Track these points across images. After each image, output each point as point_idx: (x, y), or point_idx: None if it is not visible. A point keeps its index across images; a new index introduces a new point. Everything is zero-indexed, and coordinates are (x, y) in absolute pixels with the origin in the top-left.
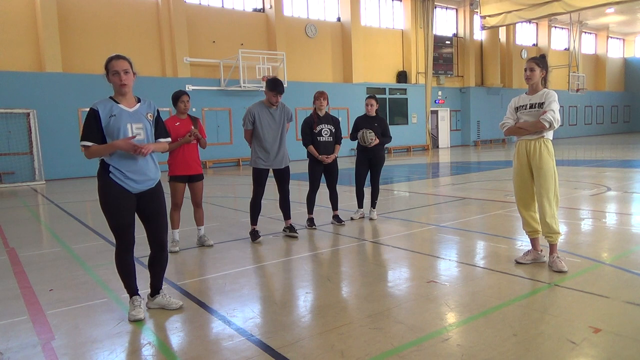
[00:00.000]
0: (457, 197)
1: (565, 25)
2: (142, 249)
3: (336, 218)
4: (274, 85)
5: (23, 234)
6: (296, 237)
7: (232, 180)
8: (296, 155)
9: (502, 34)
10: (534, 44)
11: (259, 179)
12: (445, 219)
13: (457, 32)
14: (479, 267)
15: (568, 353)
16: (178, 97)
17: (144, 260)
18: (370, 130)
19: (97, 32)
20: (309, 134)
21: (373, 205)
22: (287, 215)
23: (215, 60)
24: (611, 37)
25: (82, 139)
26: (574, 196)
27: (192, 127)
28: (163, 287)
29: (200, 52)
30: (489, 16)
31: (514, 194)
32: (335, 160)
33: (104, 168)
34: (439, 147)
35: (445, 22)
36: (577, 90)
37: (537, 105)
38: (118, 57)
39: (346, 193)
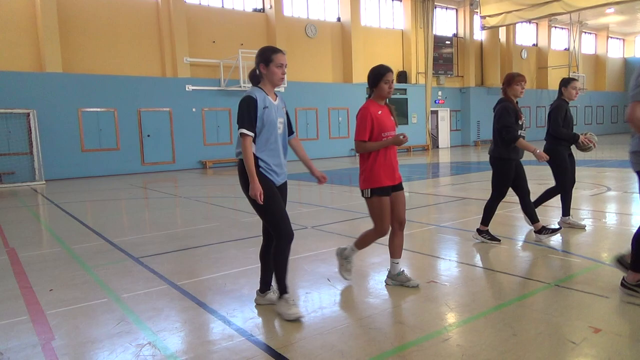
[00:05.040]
0: (457, 197)
1: (565, 25)
2: (141, 249)
3: (544, 230)
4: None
5: (23, 234)
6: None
7: (233, 181)
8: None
9: (502, 34)
10: (534, 44)
11: None
12: (445, 219)
13: (457, 32)
14: (479, 267)
15: (568, 353)
16: (382, 75)
17: (148, 263)
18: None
19: (97, 33)
20: (514, 124)
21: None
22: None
23: (215, 60)
24: (611, 37)
25: (242, 126)
26: (574, 196)
27: (395, 123)
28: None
29: (200, 52)
30: (489, 16)
31: None
32: None
33: (254, 162)
34: (439, 147)
35: (445, 22)
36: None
37: None
38: (283, 52)
39: (346, 193)
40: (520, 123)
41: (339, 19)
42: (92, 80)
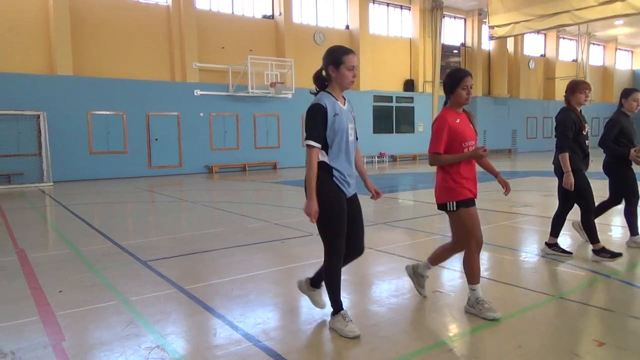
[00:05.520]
0: None
1: (574, 36)
2: (149, 252)
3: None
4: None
5: (32, 236)
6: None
7: (239, 186)
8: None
9: (510, 44)
10: (541, 55)
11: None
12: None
13: (464, 41)
14: (483, 277)
15: None
16: (460, 79)
17: (156, 267)
18: None
19: (108, 37)
20: (569, 138)
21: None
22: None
23: (224, 66)
24: (619, 49)
25: (310, 137)
26: None
27: (475, 132)
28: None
29: (210, 57)
30: (498, 26)
31: None
32: None
33: (327, 171)
34: None
35: (453, 32)
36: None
37: None
38: (354, 53)
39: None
40: (585, 133)
41: (347, 27)
42: (102, 83)
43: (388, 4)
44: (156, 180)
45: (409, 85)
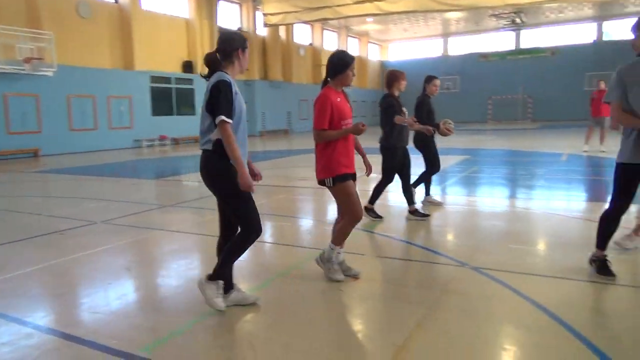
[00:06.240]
0: None
1: (335, 28)
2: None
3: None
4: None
5: None
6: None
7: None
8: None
9: (282, 31)
10: (310, 44)
11: None
12: None
13: (241, 26)
14: (267, 242)
15: (339, 297)
16: (349, 63)
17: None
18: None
19: None
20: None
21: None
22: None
23: None
24: (371, 43)
25: (222, 113)
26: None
27: (350, 108)
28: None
29: None
30: (271, 14)
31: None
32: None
33: (223, 153)
34: None
35: (229, 16)
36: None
37: None
38: None
39: (133, 185)
40: (402, 116)
41: (116, 1)
42: None
43: None
44: None
45: (188, 66)
